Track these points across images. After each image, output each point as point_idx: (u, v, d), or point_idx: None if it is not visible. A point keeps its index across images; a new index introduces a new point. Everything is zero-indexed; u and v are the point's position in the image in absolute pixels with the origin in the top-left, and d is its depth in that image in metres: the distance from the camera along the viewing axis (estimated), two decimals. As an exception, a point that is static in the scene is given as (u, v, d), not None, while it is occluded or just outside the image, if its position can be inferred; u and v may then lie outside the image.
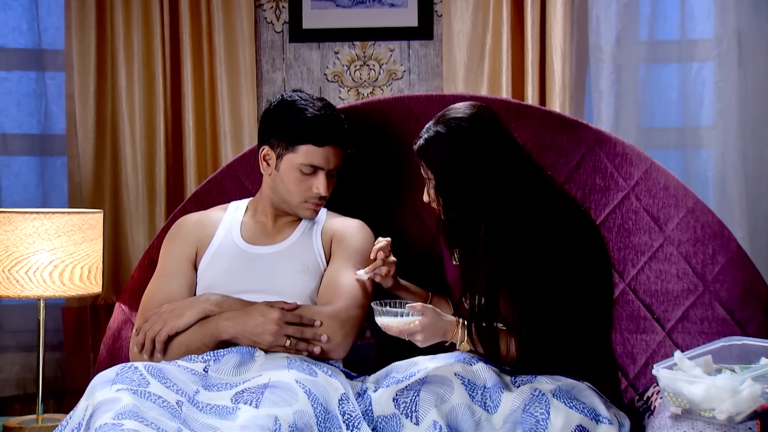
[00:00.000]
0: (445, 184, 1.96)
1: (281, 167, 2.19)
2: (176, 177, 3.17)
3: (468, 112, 1.97)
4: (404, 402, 1.87)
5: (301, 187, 2.18)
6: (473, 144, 1.94)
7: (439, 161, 1.96)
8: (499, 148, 1.96)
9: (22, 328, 3.14)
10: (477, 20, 3.08)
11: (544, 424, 1.80)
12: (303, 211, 2.22)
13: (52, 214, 2.50)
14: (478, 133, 1.95)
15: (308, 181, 2.17)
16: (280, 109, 2.19)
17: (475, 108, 1.99)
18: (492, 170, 1.94)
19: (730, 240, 2.32)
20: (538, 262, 1.94)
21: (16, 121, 3.23)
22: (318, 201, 2.20)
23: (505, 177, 1.95)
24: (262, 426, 1.67)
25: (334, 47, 3.20)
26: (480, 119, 1.97)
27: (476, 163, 1.94)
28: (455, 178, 1.95)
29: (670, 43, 3.08)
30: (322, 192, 2.17)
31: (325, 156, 2.16)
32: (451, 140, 1.95)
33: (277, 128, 2.18)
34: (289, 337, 1.99)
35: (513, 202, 1.95)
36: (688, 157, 3.05)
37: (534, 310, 1.94)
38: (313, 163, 2.16)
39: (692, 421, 1.73)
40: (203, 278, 2.19)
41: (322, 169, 2.16)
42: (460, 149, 1.94)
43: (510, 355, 1.98)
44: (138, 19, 3.11)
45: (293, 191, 2.19)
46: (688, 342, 2.30)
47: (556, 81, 2.99)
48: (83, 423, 1.71)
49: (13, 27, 3.21)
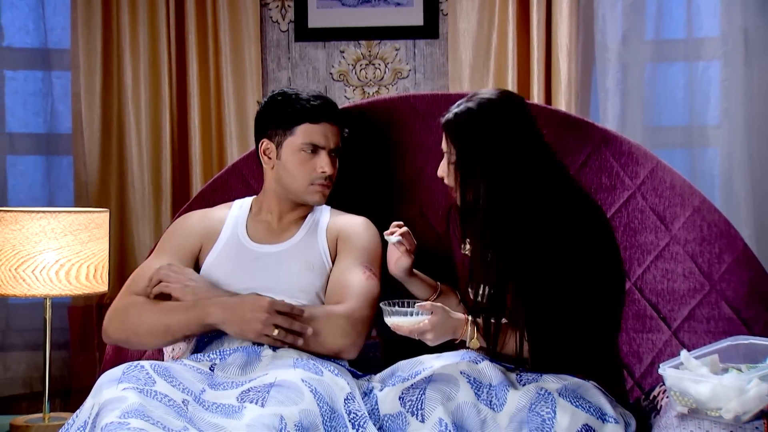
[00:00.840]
0: (466, 159, 1.97)
1: (282, 155, 2.20)
2: (182, 176, 3.17)
3: (498, 94, 2.01)
4: (410, 400, 1.87)
5: (306, 169, 2.19)
6: (499, 123, 1.97)
7: (464, 135, 1.98)
8: (523, 132, 1.99)
9: (28, 327, 3.15)
10: (483, 19, 3.07)
11: (550, 423, 1.80)
12: (311, 196, 2.21)
13: (58, 214, 2.50)
14: (506, 113, 1.98)
15: (311, 162, 2.18)
16: (273, 102, 2.24)
17: (505, 92, 2.05)
18: (514, 151, 1.96)
19: (736, 239, 2.31)
20: (549, 249, 1.94)
21: (23, 121, 3.24)
22: (324, 182, 2.20)
23: (525, 160, 1.97)
24: (268, 425, 1.67)
25: (339, 46, 3.20)
26: (509, 102, 2.01)
27: (499, 142, 1.96)
28: (477, 154, 1.96)
29: (676, 42, 3.07)
30: (327, 170, 2.18)
31: (323, 133, 2.18)
32: (479, 116, 1.97)
33: (272, 119, 2.22)
34: (278, 327, 1.96)
35: (529, 186, 1.97)
36: (694, 156, 3.05)
37: (542, 302, 1.94)
38: (312, 141, 2.18)
39: (699, 421, 1.73)
40: (209, 276, 2.19)
41: (322, 148, 2.18)
42: (487, 126, 1.96)
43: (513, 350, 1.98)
44: (144, 19, 3.12)
45: (297, 175, 2.20)
46: (695, 341, 2.29)
47: (561, 80, 2.99)
48: (89, 421, 1.72)
49: (20, 26, 3.22)
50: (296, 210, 2.27)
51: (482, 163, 1.95)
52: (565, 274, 1.94)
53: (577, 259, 1.95)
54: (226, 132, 3.14)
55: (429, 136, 2.46)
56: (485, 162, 1.95)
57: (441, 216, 2.44)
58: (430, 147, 2.47)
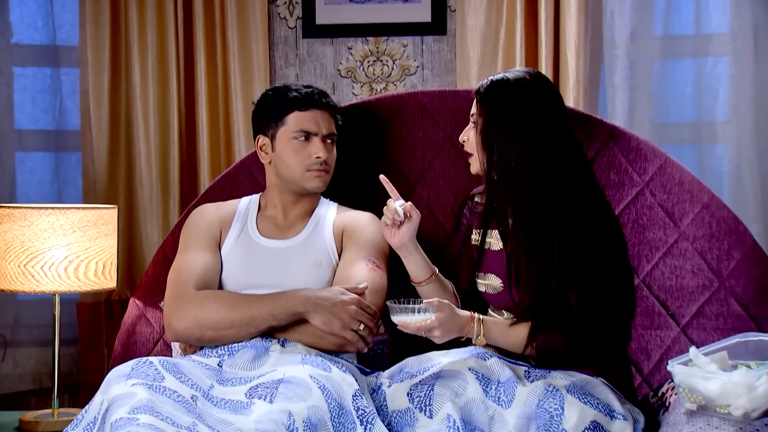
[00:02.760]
0: (500, 122, 2.00)
1: (277, 146, 2.23)
2: (190, 173, 3.17)
3: (534, 73, 2.07)
4: (418, 396, 1.87)
5: (300, 156, 2.20)
6: (530, 96, 2.01)
7: (495, 101, 2.01)
8: (556, 107, 2.03)
9: (37, 323, 3.16)
10: (490, 15, 3.07)
11: (558, 420, 1.80)
12: (309, 182, 2.22)
13: (67, 210, 2.51)
14: (537, 90, 2.03)
15: (306, 149, 2.20)
16: (264, 98, 2.30)
17: (540, 73, 2.10)
18: (547, 119, 2.00)
19: (745, 235, 2.31)
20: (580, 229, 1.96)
21: (32, 117, 3.24)
22: (320, 167, 2.21)
23: (558, 129, 2.01)
24: (276, 421, 1.67)
25: (347, 43, 3.20)
26: (543, 81, 2.06)
27: (526, 114, 1.99)
28: (512, 117, 1.99)
29: (684, 38, 3.06)
30: (321, 155, 2.19)
31: (313, 119, 2.21)
32: (512, 87, 2.02)
33: (264, 113, 2.27)
34: (361, 323, 1.99)
35: (561, 153, 2.00)
36: (703, 153, 3.04)
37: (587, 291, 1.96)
38: (303, 128, 2.20)
39: (708, 417, 1.72)
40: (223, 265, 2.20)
41: (315, 134, 2.21)
42: (518, 97, 2.00)
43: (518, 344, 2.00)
44: (152, 15, 3.12)
45: (293, 164, 2.21)
46: (703, 338, 2.29)
47: (570, 76, 2.98)
48: (99, 417, 1.72)
49: (29, 23, 3.23)
50: (300, 203, 2.27)
51: (515, 122, 1.98)
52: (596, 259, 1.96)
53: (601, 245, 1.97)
54: (233, 128, 3.14)
55: (437, 132, 2.46)
56: (518, 121, 1.98)
57: (448, 212, 2.44)
58: (437, 143, 2.47)
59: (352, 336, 1.99)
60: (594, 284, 1.95)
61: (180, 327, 2.05)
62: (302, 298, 2.02)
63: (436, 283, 2.16)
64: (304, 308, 2.01)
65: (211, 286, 2.13)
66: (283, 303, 2.02)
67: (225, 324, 2.02)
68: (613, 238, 2.01)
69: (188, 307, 2.05)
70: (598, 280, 1.96)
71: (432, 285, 2.15)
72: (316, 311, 2.00)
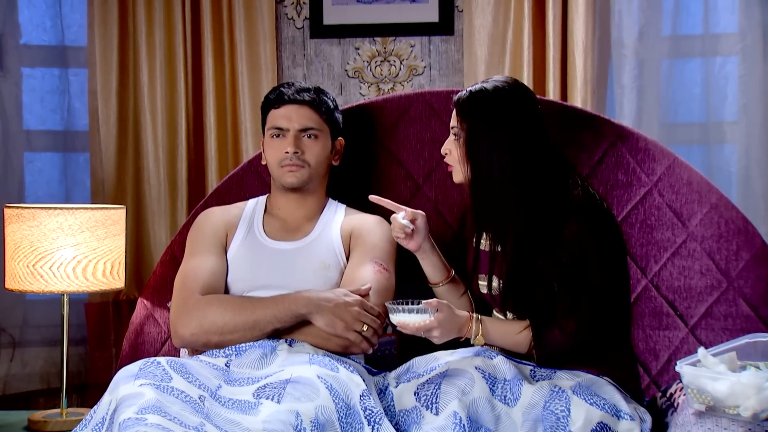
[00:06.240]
0: (479, 131, 2.00)
1: (263, 146, 2.28)
2: (198, 173, 3.18)
3: (511, 80, 2.08)
4: (425, 395, 1.87)
5: (275, 152, 2.23)
6: (512, 103, 2.01)
7: (478, 110, 2.01)
8: (533, 114, 2.03)
9: (46, 323, 3.17)
10: (498, 15, 3.06)
11: (565, 421, 1.80)
12: (284, 178, 2.24)
13: (75, 210, 2.51)
14: (517, 97, 2.03)
15: (280, 146, 2.23)
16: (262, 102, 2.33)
17: (516, 80, 2.10)
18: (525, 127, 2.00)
19: (754, 236, 2.30)
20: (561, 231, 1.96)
21: (40, 118, 3.25)
22: (291, 162, 2.21)
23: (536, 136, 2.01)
24: (283, 421, 1.68)
25: (354, 43, 3.20)
26: (521, 88, 2.07)
27: (512, 118, 1.99)
28: (491, 126, 1.99)
29: (693, 38, 3.05)
30: (289, 149, 2.20)
31: (285, 115, 2.23)
32: (492, 96, 2.02)
33: (262, 116, 2.31)
34: (365, 325, 2.00)
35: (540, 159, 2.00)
36: (711, 153, 3.03)
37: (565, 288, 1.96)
38: (275, 125, 2.24)
39: (716, 418, 1.72)
40: (229, 267, 2.20)
41: (286, 129, 2.22)
42: (501, 103, 2.01)
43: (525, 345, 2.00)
44: (160, 16, 3.12)
45: (270, 160, 2.25)
46: (712, 339, 2.28)
47: (577, 76, 2.97)
48: (107, 417, 1.73)
49: (37, 24, 3.24)
50: (301, 203, 2.28)
51: (497, 131, 1.98)
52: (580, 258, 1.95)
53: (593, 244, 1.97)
54: (241, 129, 3.14)
55: (444, 132, 2.45)
56: (500, 130, 1.98)
57: (456, 213, 2.43)
58: (445, 144, 2.46)
59: (356, 337, 1.99)
60: (585, 282, 1.96)
61: (186, 333, 2.06)
62: (305, 300, 2.02)
63: (453, 285, 2.17)
64: (307, 310, 2.01)
65: (217, 290, 2.14)
66: (286, 305, 2.02)
67: (229, 328, 2.03)
68: (601, 233, 2.00)
69: (193, 313, 2.07)
70: (588, 277, 1.96)
71: (448, 286, 2.16)
72: (319, 313, 2.00)
